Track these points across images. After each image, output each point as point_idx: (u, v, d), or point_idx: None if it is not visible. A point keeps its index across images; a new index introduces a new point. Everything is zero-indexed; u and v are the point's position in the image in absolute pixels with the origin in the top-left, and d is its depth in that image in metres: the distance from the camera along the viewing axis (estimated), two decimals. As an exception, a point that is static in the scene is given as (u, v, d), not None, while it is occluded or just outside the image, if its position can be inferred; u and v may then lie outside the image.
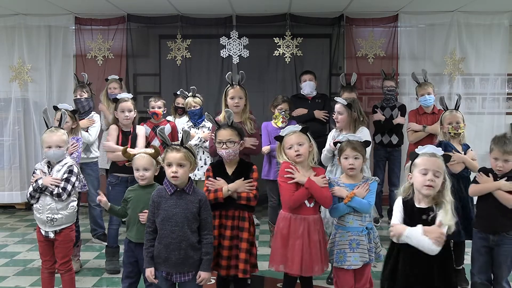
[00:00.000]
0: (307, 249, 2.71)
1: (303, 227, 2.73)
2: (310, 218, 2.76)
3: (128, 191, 2.92)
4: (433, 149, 2.34)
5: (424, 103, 4.67)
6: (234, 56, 5.92)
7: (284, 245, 2.76)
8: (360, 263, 2.73)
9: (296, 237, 2.73)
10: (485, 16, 5.81)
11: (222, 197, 2.80)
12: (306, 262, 2.71)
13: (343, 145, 2.83)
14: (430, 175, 2.24)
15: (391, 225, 2.32)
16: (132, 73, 6.23)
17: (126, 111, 3.77)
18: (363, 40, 6.01)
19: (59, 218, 2.98)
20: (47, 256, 3.06)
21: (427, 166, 2.26)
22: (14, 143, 6.07)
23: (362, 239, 2.73)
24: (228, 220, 2.85)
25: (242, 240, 2.84)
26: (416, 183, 2.29)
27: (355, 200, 2.70)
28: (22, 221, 5.65)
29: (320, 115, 4.86)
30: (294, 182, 2.74)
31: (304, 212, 2.76)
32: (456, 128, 3.44)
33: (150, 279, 2.54)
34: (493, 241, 2.84)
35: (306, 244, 2.72)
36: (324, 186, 2.75)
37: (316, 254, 2.73)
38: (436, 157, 2.30)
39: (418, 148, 2.39)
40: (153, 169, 2.86)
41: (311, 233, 2.74)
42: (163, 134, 2.66)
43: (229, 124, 2.93)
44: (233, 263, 2.83)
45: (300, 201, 2.74)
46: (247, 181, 2.84)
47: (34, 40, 6.06)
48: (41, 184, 2.95)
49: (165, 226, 2.48)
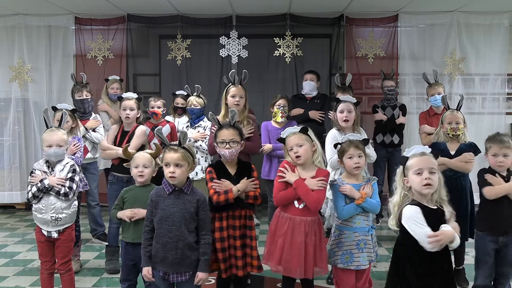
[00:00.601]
0: (288, 250, 2.70)
1: (287, 226, 2.72)
2: (296, 219, 2.72)
3: (124, 192, 2.92)
4: (421, 149, 2.32)
5: (434, 103, 4.58)
6: (233, 56, 5.93)
7: (270, 241, 2.80)
8: (367, 263, 2.73)
9: (279, 234, 2.74)
10: (485, 16, 5.82)
11: (233, 197, 2.78)
12: (287, 262, 2.69)
13: (345, 146, 2.81)
14: (426, 174, 2.21)
15: (427, 236, 2.12)
16: (132, 73, 6.23)
17: (127, 109, 3.77)
18: (363, 40, 6.01)
19: (63, 217, 2.99)
20: (47, 257, 3.05)
21: (420, 166, 2.24)
22: (14, 143, 6.08)
23: (368, 239, 2.74)
24: (235, 220, 2.83)
25: (252, 239, 2.85)
26: (415, 185, 2.24)
27: (367, 200, 2.70)
28: (22, 221, 5.65)
29: (315, 116, 4.84)
30: (284, 181, 2.74)
31: (291, 212, 2.75)
32: (454, 130, 3.43)
33: (147, 278, 2.54)
34: (502, 242, 2.84)
35: (288, 243, 2.70)
36: (318, 189, 2.69)
37: (297, 255, 2.68)
38: (427, 155, 2.28)
39: (405, 151, 2.36)
40: (152, 168, 2.87)
41: (295, 234, 2.70)
42: (161, 135, 2.66)
43: (231, 124, 2.93)
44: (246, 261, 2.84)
45: (286, 201, 2.74)
46: (251, 180, 2.84)
47: (34, 40, 6.06)
48: (48, 184, 2.95)
49: (163, 226, 2.48)
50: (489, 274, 2.88)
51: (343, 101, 3.50)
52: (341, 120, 3.45)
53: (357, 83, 5.96)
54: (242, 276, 2.85)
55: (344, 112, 3.45)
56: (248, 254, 2.84)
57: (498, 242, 2.84)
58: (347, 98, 3.53)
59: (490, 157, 2.88)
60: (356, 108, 3.48)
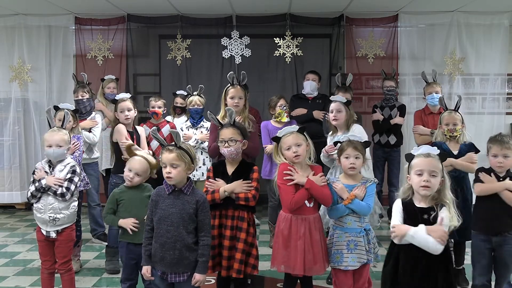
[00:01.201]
0: (310, 249, 2.71)
1: (305, 227, 2.73)
2: (310, 218, 2.76)
3: (118, 193, 2.90)
4: (428, 149, 2.33)
5: (431, 101, 4.61)
6: (236, 56, 5.93)
7: (285, 246, 2.76)
8: (357, 264, 2.72)
9: (298, 237, 2.72)
10: (485, 16, 5.82)
11: (219, 198, 2.81)
12: (309, 262, 2.71)
13: (344, 145, 2.83)
14: (425, 176, 2.24)
15: (391, 226, 2.30)
16: (132, 73, 6.23)
17: (125, 110, 3.78)
18: (363, 40, 6.01)
19: (61, 217, 2.99)
20: (47, 256, 3.06)
21: (422, 167, 2.26)
22: (14, 143, 6.08)
23: (360, 240, 2.73)
24: (227, 220, 2.85)
25: (239, 241, 2.84)
26: (413, 184, 2.30)
27: (355, 202, 2.70)
28: (22, 221, 5.65)
29: (319, 116, 4.85)
30: (294, 184, 2.74)
31: (305, 212, 2.76)
32: (451, 131, 3.45)
33: (146, 276, 2.54)
34: (495, 242, 2.84)
35: (308, 244, 2.72)
36: (323, 185, 2.76)
37: (318, 253, 2.73)
38: (431, 157, 2.29)
39: (413, 150, 2.38)
40: (143, 177, 2.87)
41: (313, 233, 2.74)
42: (157, 135, 2.66)
43: (231, 122, 2.93)
44: (232, 263, 2.83)
45: (301, 203, 2.73)
46: (245, 182, 2.84)
47: (34, 40, 6.06)
48: (45, 184, 2.95)
49: (161, 225, 2.48)
50: (484, 273, 2.88)
51: (333, 101, 3.53)
52: (331, 119, 3.52)
53: (357, 83, 5.96)
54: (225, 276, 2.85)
55: (333, 112, 3.49)
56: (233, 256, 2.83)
57: (492, 242, 2.84)
58: (337, 98, 3.55)
59: (491, 158, 2.89)
60: (349, 107, 3.49)
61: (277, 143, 2.86)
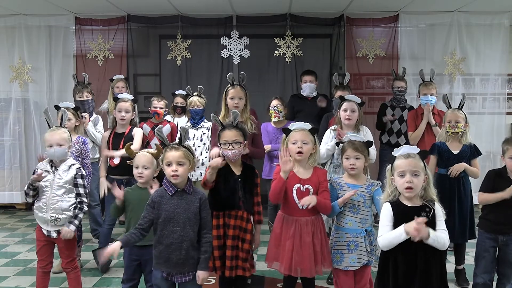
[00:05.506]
0: (298, 250, 2.70)
1: (294, 229, 2.73)
2: (302, 220, 2.74)
3: (127, 192, 2.88)
4: (408, 149, 2.33)
5: (425, 102, 4.58)
6: (235, 56, 5.93)
7: (276, 244, 2.79)
8: (357, 265, 2.72)
9: (287, 237, 2.74)
10: (485, 16, 5.82)
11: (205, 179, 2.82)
12: (296, 263, 2.70)
13: (345, 146, 2.83)
14: (408, 177, 2.24)
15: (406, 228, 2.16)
16: (132, 73, 6.24)
17: (123, 111, 3.79)
18: (363, 40, 6.01)
19: (63, 218, 2.99)
20: (44, 255, 3.06)
21: (403, 168, 2.26)
22: (15, 143, 6.09)
23: (360, 241, 2.72)
24: (231, 219, 2.85)
25: (244, 242, 2.85)
26: (398, 186, 2.29)
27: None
28: (22, 221, 5.65)
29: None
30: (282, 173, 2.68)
31: (295, 214, 2.76)
32: (453, 127, 3.45)
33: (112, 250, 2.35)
34: (502, 241, 2.84)
35: (297, 245, 2.71)
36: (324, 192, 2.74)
37: (308, 255, 2.70)
38: (412, 157, 2.29)
39: (394, 151, 2.38)
40: (153, 169, 2.84)
41: (303, 235, 2.72)
42: (161, 134, 2.66)
43: (234, 124, 2.93)
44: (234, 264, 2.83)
45: (278, 192, 2.69)
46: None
47: (34, 40, 6.06)
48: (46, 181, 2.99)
49: (167, 227, 2.47)
50: (487, 271, 2.88)
51: (347, 100, 3.51)
52: (344, 118, 3.48)
53: (357, 83, 5.96)
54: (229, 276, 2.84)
55: (347, 111, 3.46)
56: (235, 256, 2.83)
57: (498, 240, 2.85)
58: (352, 98, 3.53)
59: (507, 160, 2.84)
60: (360, 108, 3.49)
61: (286, 135, 2.86)
